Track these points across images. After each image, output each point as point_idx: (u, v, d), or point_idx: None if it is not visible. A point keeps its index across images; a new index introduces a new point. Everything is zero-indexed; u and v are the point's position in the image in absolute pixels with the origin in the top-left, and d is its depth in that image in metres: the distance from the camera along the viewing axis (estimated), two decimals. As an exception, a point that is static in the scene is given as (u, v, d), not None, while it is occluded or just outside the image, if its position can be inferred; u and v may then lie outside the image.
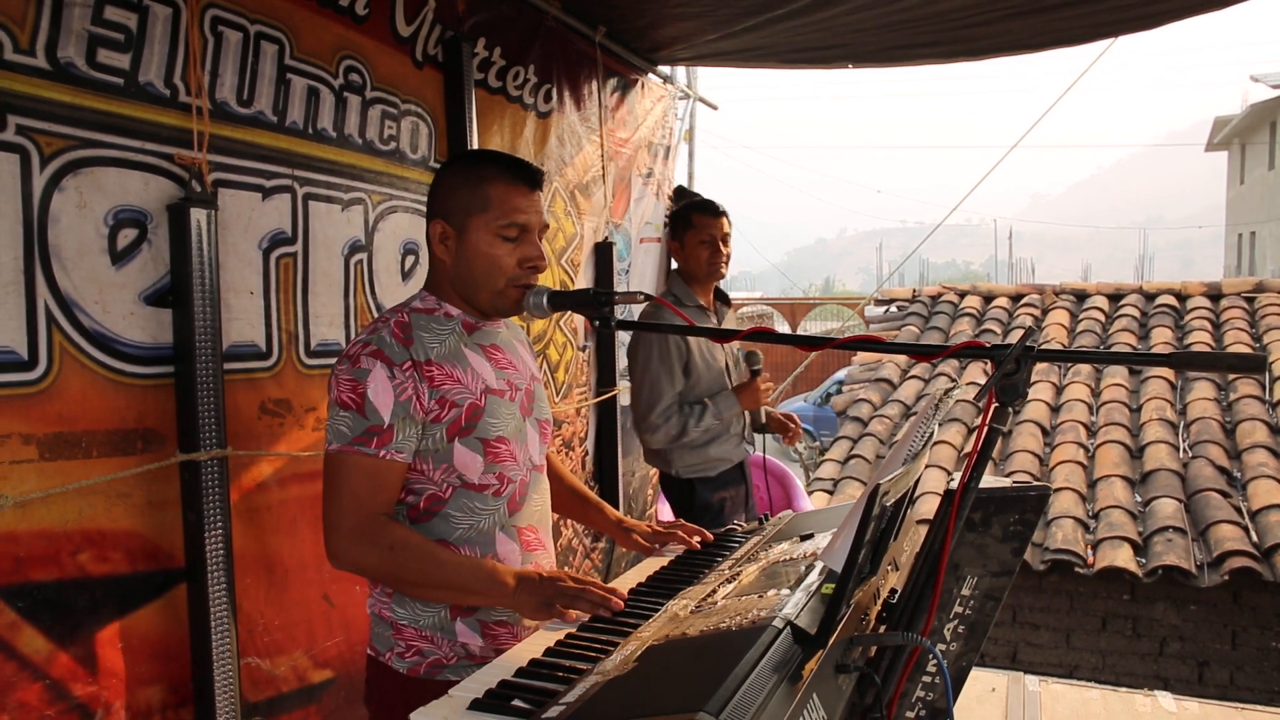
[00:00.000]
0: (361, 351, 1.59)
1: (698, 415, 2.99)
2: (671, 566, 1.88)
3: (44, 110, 1.68)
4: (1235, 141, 23.44)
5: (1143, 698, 3.19)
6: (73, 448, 1.74)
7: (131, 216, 1.85)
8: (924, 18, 3.34)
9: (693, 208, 3.18)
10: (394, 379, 1.57)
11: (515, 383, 1.76)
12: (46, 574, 1.69)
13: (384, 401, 1.56)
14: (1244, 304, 7.58)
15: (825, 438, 14.45)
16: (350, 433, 1.55)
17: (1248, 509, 5.22)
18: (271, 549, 2.18)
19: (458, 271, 1.69)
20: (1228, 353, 1.18)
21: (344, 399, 1.57)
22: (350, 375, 1.57)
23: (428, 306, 1.71)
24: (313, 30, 2.26)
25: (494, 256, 1.66)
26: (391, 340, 1.60)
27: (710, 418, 2.99)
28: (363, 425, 1.55)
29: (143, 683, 1.87)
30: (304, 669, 2.26)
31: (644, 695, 1.15)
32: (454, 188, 1.68)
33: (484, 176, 1.67)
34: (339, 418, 1.57)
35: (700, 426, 2.99)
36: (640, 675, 1.20)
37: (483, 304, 1.71)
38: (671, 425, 2.98)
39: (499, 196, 1.66)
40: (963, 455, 6.23)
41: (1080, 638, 5.41)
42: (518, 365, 1.79)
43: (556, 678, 1.32)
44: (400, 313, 1.67)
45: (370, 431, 1.55)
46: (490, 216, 1.65)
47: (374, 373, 1.56)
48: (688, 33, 3.64)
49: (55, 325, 1.71)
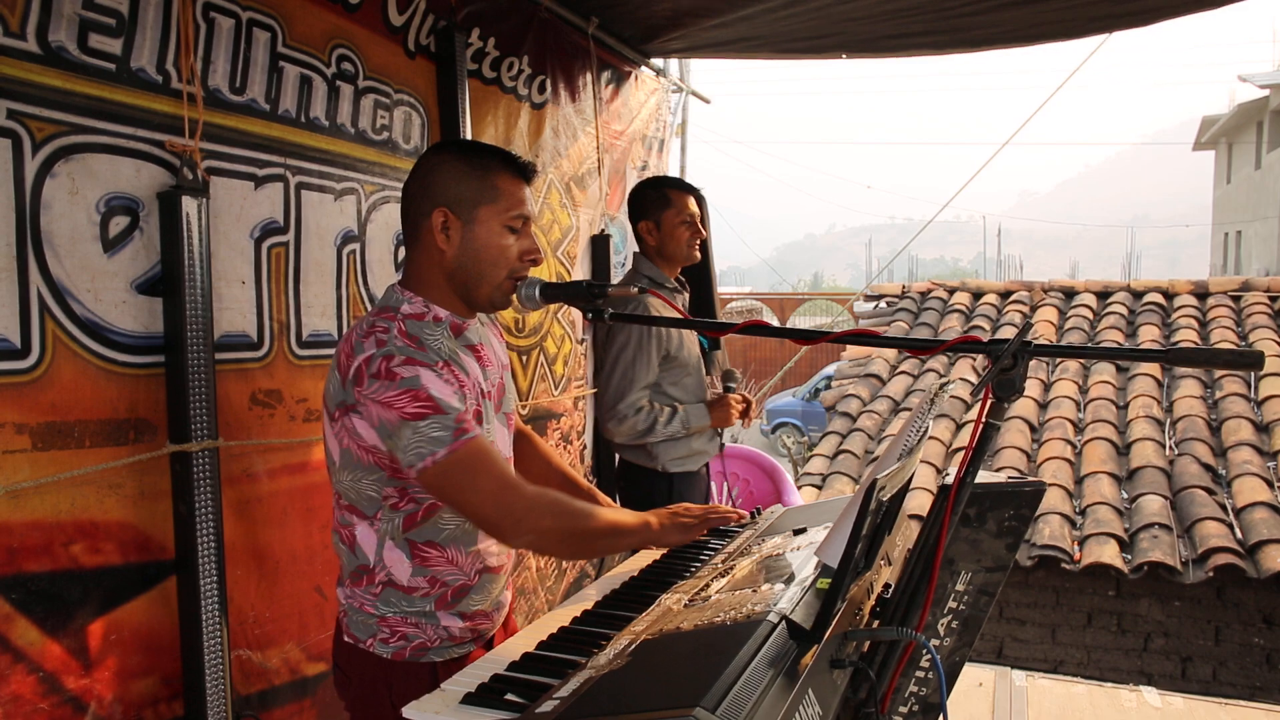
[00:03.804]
0: (390, 365, 1.50)
1: (668, 418, 2.91)
2: (663, 560, 1.87)
3: (35, 95, 1.65)
4: (1222, 141, 23.59)
5: (1128, 693, 3.22)
6: (65, 438, 1.72)
7: (123, 204, 1.82)
8: (918, 7, 3.33)
9: (667, 184, 3.06)
10: (440, 376, 1.53)
11: (494, 380, 1.75)
12: (40, 565, 1.67)
13: (447, 393, 1.51)
14: (1230, 303, 7.64)
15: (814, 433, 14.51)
16: (447, 433, 1.48)
17: (1232, 506, 5.27)
18: (262, 541, 2.17)
19: (458, 263, 1.64)
20: (1225, 349, 1.18)
21: (411, 412, 1.48)
22: (400, 389, 1.49)
23: (416, 311, 1.64)
24: (305, 18, 2.24)
25: (502, 248, 1.64)
26: (410, 347, 1.54)
27: (678, 424, 2.91)
28: (451, 419, 1.49)
29: (135, 675, 1.85)
30: (296, 661, 2.24)
31: (639, 690, 1.15)
32: (459, 177, 1.63)
33: (489, 167, 1.64)
34: (421, 430, 1.48)
35: (667, 430, 2.90)
36: (634, 670, 1.20)
37: (481, 296, 1.68)
38: (640, 420, 2.88)
39: (506, 188, 1.64)
40: (951, 451, 6.25)
41: (1066, 633, 5.45)
42: (493, 360, 1.77)
43: (549, 672, 1.31)
44: (395, 320, 1.59)
45: (459, 420, 1.50)
46: (500, 207, 1.63)
47: (422, 375, 1.50)
48: (680, 19, 3.62)
49: (48, 313, 1.69)
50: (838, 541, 1.19)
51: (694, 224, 2.98)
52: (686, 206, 2.98)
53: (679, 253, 2.99)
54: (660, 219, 2.98)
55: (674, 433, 2.93)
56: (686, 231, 2.97)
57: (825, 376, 15.35)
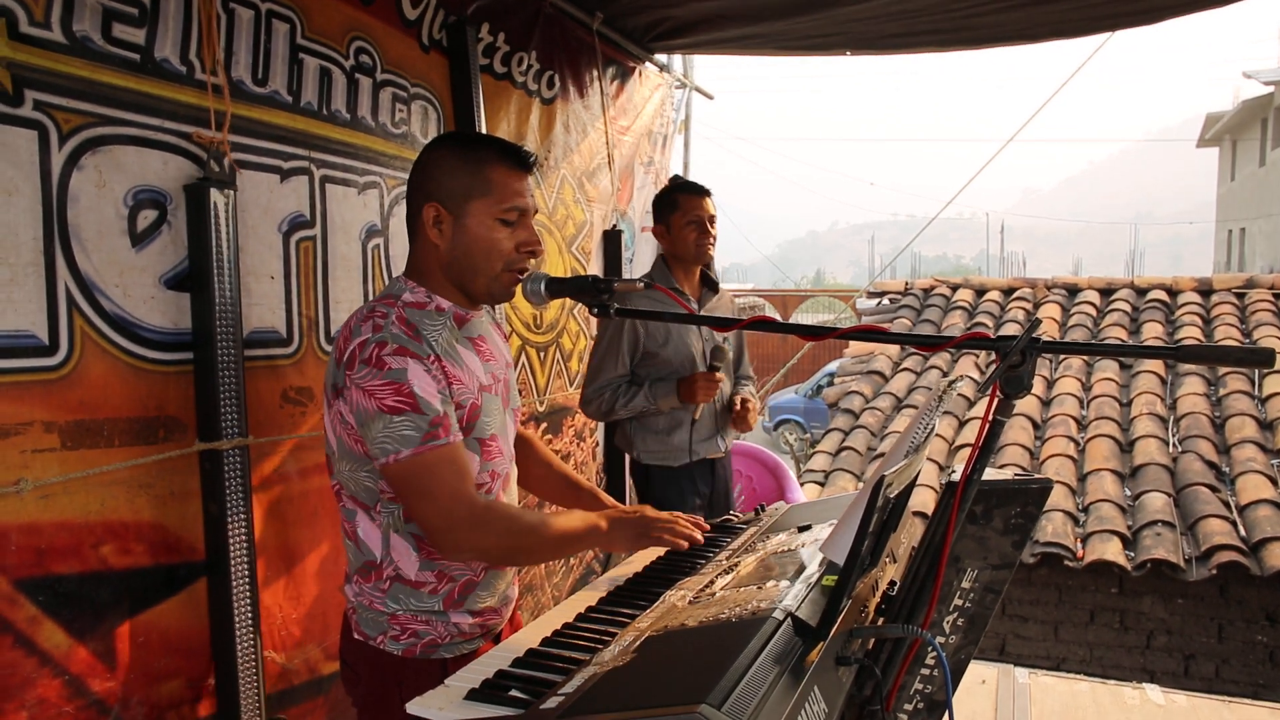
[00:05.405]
0: (381, 352, 1.51)
1: (628, 396, 2.95)
2: (668, 557, 1.87)
3: (61, 85, 1.63)
4: (1227, 138, 23.51)
5: (1131, 690, 3.22)
6: (94, 436, 1.70)
7: (151, 197, 1.80)
8: (924, 7, 3.33)
9: (676, 189, 3.09)
10: (429, 371, 1.53)
11: (497, 374, 1.74)
12: (68, 566, 1.65)
13: (430, 392, 1.52)
14: (1234, 300, 7.62)
15: (816, 430, 14.49)
16: (417, 433, 1.50)
17: (1236, 504, 5.26)
18: (292, 541, 2.14)
19: (452, 256, 1.64)
20: (1235, 347, 1.17)
21: (391, 405, 1.49)
22: (384, 379, 1.50)
23: (418, 300, 1.65)
24: (322, 10, 2.23)
25: (494, 241, 1.63)
26: (405, 335, 1.55)
27: (642, 399, 2.93)
28: (424, 421, 1.50)
29: (161, 678, 1.84)
30: (315, 661, 2.23)
31: (644, 686, 1.14)
32: (451, 170, 1.63)
33: (483, 159, 1.63)
34: (394, 425, 1.49)
35: (627, 407, 2.94)
36: (639, 666, 1.19)
37: (478, 289, 1.67)
38: (603, 401, 2.95)
39: (500, 180, 1.63)
40: (955, 447, 6.24)
41: (1068, 630, 5.44)
42: (496, 355, 1.77)
43: (554, 668, 1.31)
44: (395, 306, 1.60)
45: (434, 424, 1.51)
46: (492, 201, 1.62)
47: (410, 369, 1.51)
48: (684, 15, 3.61)
49: (75, 308, 1.67)
50: (844, 538, 1.19)
51: (702, 224, 3.00)
52: (694, 208, 3.00)
53: (687, 253, 3.02)
54: (670, 222, 3.02)
55: (639, 408, 2.94)
56: (693, 232, 2.99)
57: (828, 373, 15.33)
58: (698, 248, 3.01)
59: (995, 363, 1.17)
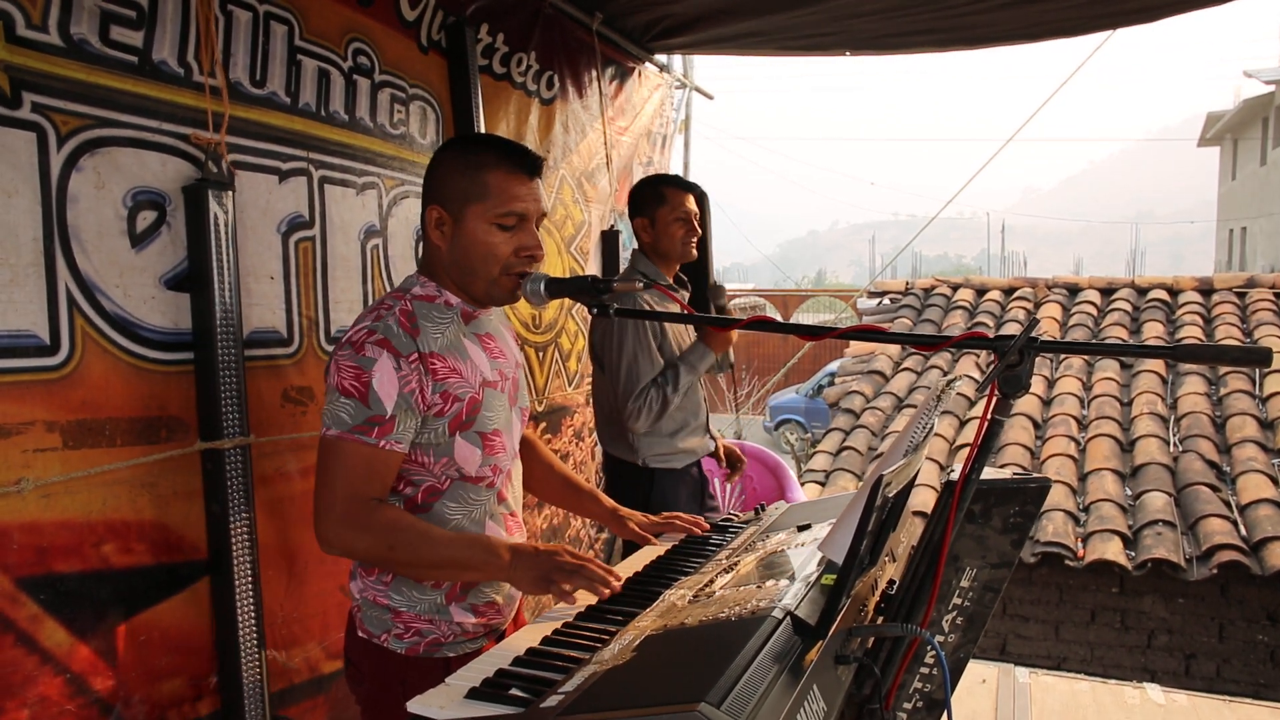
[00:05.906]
0: (367, 339, 1.56)
1: (672, 380, 2.82)
2: (668, 556, 1.87)
3: (59, 88, 1.64)
4: (1227, 137, 23.50)
5: (1132, 690, 3.22)
6: (96, 436, 1.71)
7: (150, 198, 1.82)
8: (922, 5, 3.33)
9: (663, 181, 3.01)
10: (400, 370, 1.55)
11: (505, 372, 1.75)
12: (69, 565, 1.66)
13: (388, 392, 1.54)
14: (1235, 299, 7.62)
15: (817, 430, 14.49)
16: (351, 420, 1.53)
17: (1237, 503, 5.26)
18: (293, 541, 2.15)
19: (453, 258, 1.66)
20: (1232, 346, 1.17)
21: (346, 386, 1.54)
22: (354, 363, 1.55)
23: (428, 293, 1.68)
24: (320, 11, 2.24)
25: (490, 245, 1.64)
26: (399, 329, 1.58)
27: (685, 375, 2.82)
28: (364, 414, 1.53)
29: (162, 677, 1.84)
30: (316, 660, 2.24)
31: (643, 685, 1.15)
32: (451, 173, 1.65)
33: (482, 163, 1.64)
34: (339, 404, 1.54)
35: (678, 390, 2.82)
36: (639, 665, 1.20)
37: (478, 292, 1.69)
38: (652, 401, 2.81)
39: (497, 184, 1.63)
40: (954, 447, 6.24)
41: (1069, 630, 5.44)
42: (506, 353, 1.78)
43: (554, 667, 1.32)
44: (404, 299, 1.64)
45: (372, 421, 1.53)
46: (488, 205, 1.62)
47: (380, 362, 1.54)
48: (684, 13, 3.61)
49: (76, 308, 1.68)
50: (843, 537, 1.19)
51: (689, 222, 2.91)
52: (682, 204, 2.91)
53: (673, 250, 2.93)
54: (655, 216, 2.91)
55: (687, 383, 2.85)
56: (681, 229, 2.90)
57: (828, 373, 15.32)
58: (684, 245, 2.92)
59: (994, 362, 1.17)
